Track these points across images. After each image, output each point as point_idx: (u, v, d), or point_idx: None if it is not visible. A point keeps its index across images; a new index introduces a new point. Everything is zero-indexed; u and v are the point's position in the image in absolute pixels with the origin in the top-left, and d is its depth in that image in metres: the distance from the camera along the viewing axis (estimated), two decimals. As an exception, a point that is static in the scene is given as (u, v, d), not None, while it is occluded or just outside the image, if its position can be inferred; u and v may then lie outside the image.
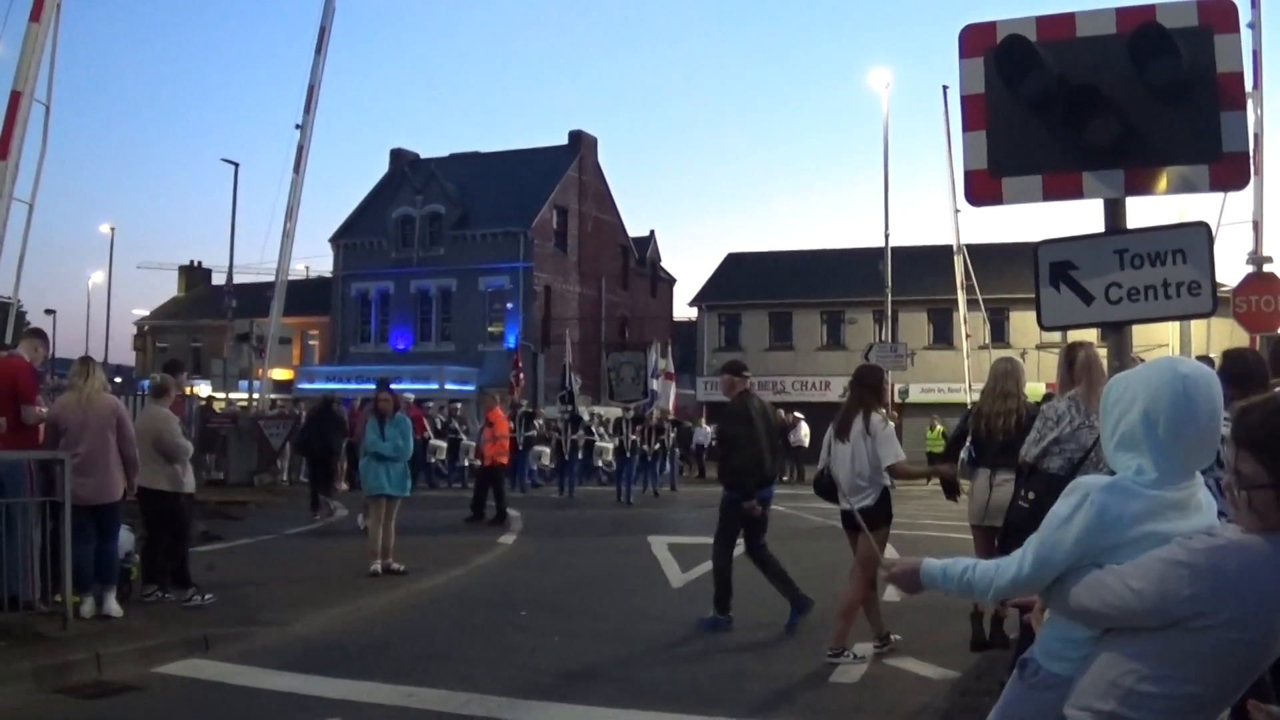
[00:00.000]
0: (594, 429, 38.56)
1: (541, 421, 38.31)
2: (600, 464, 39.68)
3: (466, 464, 36.78)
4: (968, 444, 11.08)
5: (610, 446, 37.45)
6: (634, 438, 34.07)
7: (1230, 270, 22.86)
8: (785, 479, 41.01)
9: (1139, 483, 3.57)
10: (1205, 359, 15.80)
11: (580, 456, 36.79)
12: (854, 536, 11.34)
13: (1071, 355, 9.01)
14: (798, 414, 44.64)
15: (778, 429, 13.76)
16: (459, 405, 41.44)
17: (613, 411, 41.89)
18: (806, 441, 43.30)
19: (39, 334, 13.83)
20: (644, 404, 37.90)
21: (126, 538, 13.18)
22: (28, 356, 12.67)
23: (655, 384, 41.37)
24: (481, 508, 24.71)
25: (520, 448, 34.15)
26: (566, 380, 38.17)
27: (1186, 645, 3.26)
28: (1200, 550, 3.28)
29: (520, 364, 45.68)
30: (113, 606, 11.98)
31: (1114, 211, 8.31)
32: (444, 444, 37.10)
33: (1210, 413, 3.51)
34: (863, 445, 11.13)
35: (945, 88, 44.39)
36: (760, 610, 13.52)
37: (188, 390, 28.20)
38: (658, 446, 35.60)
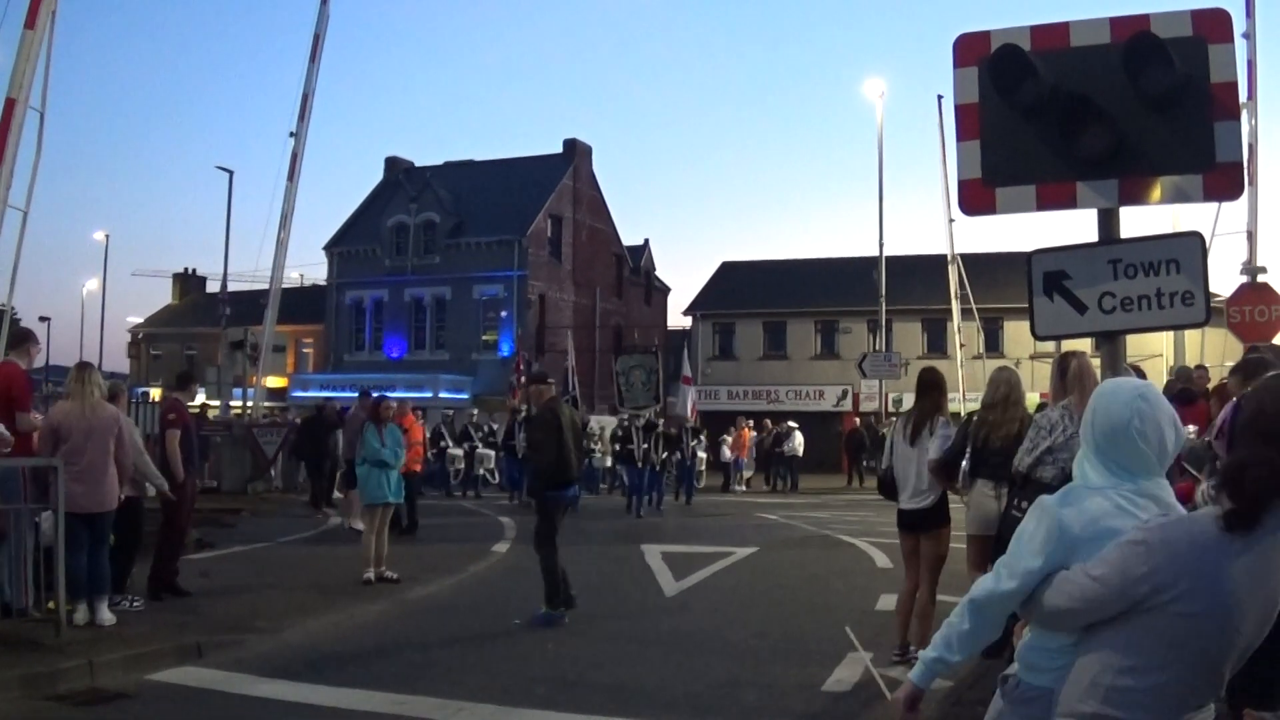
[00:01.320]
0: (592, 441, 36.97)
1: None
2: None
3: (482, 472, 36.86)
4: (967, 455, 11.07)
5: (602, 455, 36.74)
6: (645, 446, 31.83)
7: (1224, 280, 22.93)
8: (778, 489, 41.06)
9: (1087, 485, 3.77)
10: (1200, 368, 15.87)
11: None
12: (914, 539, 11.66)
13: (1064, 365, 9.02)
14: (792, 423, 44.61)
15: (581, 435, 15.05)
16: (474, 413, 41.11)
17: (606, 421, 41.80)
18: (800, 451, 43.31)
19: (28, 335, 13.77)
20: (654, 410, 36.90)
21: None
22: (21, 363, 12.64)
23: (662, 388, 39.78)
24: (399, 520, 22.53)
25: (519, 456, 33.17)
26: (570, 385, 37.63)
27: (1151, 627, 3.35)
28: (1154, 528, 3.44)
29: (522, 368, 44.50)
30: (105, 614, 11.96)
31: (1107, 221, 8.32)
32: (460, 452, 36.99)
33: (1137, 418, 3.70)
34: (928, 448, 11.24)
35: (940, 97, 44.45)
36: (754, 619, 13.53)
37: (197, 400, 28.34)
38: (665, 456, 33.60)
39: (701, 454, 39.15)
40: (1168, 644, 3.33)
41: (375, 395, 18.23)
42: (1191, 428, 11.08)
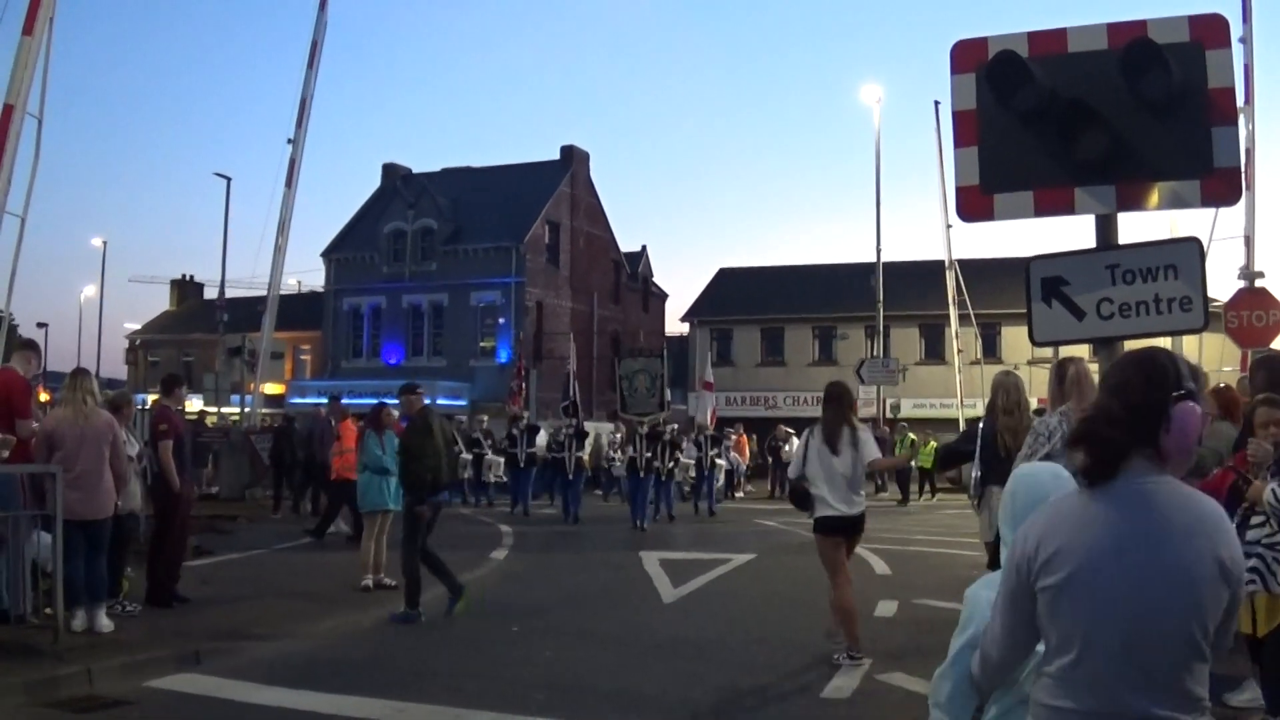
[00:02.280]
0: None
1: (546, 435, 34.88)
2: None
3: (492, 479, 36.45)
4: (976, 460, 11.07)
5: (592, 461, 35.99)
6: (649, 455, 29.60)
7: (1222, 285, 22.94)
8: (775, 495, 40.98)
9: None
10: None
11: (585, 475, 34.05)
12: (839, 543, 11.82)
13: (1062, 371, 9.01)
14: (789, 429, 44.56)
15: (451, 442, 15.57)
16: (485, 419, 40.87)
17: (603, 427, 41.65)
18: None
19: (30, 345, 13.79)
20: (660, 417, 34.13)
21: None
22: (20, 369, 12.63)
23: (667, 393, 37.43)
24: (325, 528, 22.74)
25: (522, 464, 32.92)
26: (570, 390, 36.45)
27: (1044, 607, 3.48)
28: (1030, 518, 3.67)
29: (523, 372, 44.08)
30: (103, 621, 11.95)
31: (1105, 227, 8.33)
32: (469, 457, 36.89)
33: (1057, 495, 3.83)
34: (851, 455, 11.66)
35: (937, 103, 44.39)
36: (752, 626, 13.54)
37: (184, 405, 28.37)
38: (672, 465, 31.13)
39: (722, 462, 37.75)
40: (1053, 619, 3.45)
41: (376, 402, 18.17)
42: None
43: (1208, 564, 3.32)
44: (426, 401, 15.75)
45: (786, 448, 42.47)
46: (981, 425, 11.19)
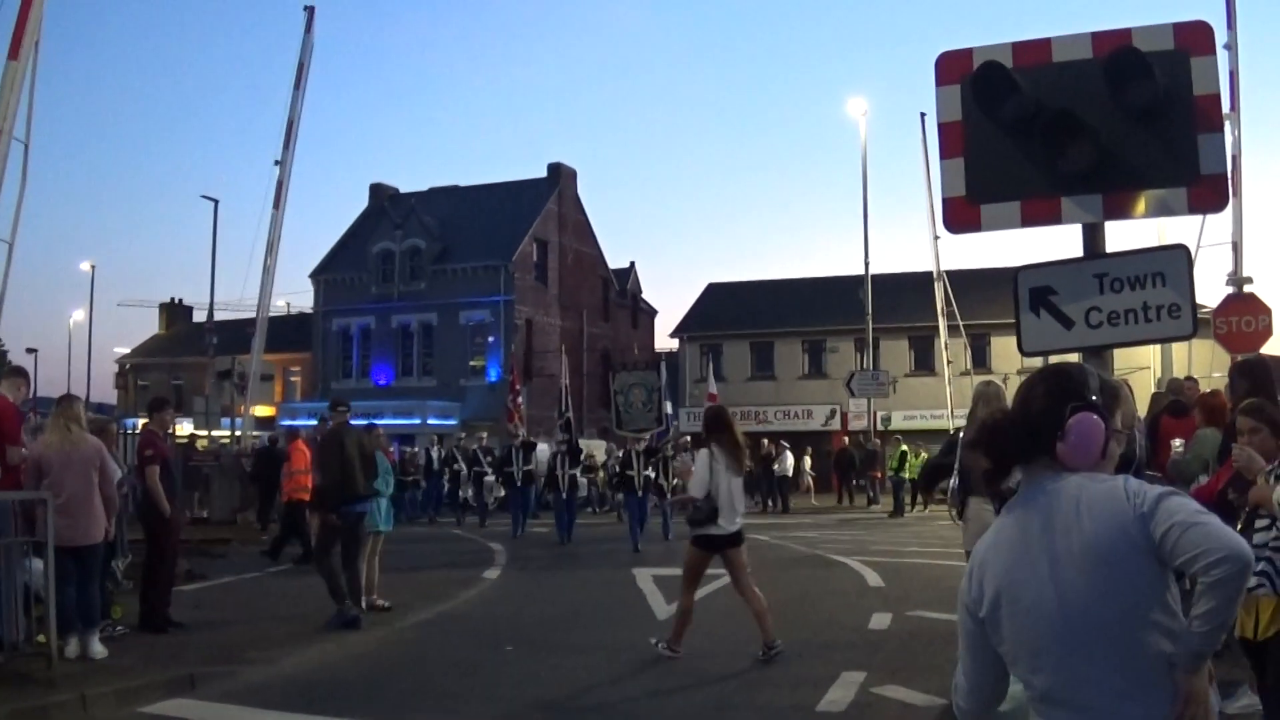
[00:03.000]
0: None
1: (548, 449, 34.44)
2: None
3: (492, 500, 36.43)
4: (955, 471, 11.05)
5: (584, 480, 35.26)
6: (648, 473, 28.78)
7: (1210, 292, 22.97)
8: (769, 509, 40.93)
9: None
10: (1189, 380, 15.88)
11: (582, 494, 33.69)
12: (710, 558, 12.81)
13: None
14: (783, 442, 44.53)
15: (371, 456, 15.83)
16: (484, 436, 40.72)
17: (595, 445, 41.52)
18: (791, 471, 43.25)
19: (20, 372, 13.76)
20: (659, 432, 33.52)
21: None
22: (10, 396, 12.59)
23: (669, 407, 36.53)
24: (280, 548, 22.84)
25: (519, 483, 32.28)
26: (564, 405, 35.96)
27: (994, 638, 3.60)
28: None
29: (518, 387, 42.75)
30: (96, 647, 11.91)
31: (1093, 236, 8.34)
32: (469, 476, 36.68)
33: None
34: (740, 477, 12.78)
35: (923, 115, 44.67)
36: (746, 641, 13.51)
37: (172, 429, 28.20)
38: (675, 482, 30.17)
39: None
40: (1001, 643, 3.56)
41: (365, 422, 18.18)
42: (1178, 441, 11.10)
43: (1114, 539, 3.33)
44: (389, 421, 16.21)
45: (781, 462, 42.45)
46: (961, 435, 11.18)
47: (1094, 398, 3.55)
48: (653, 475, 29.13)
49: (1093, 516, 3.36)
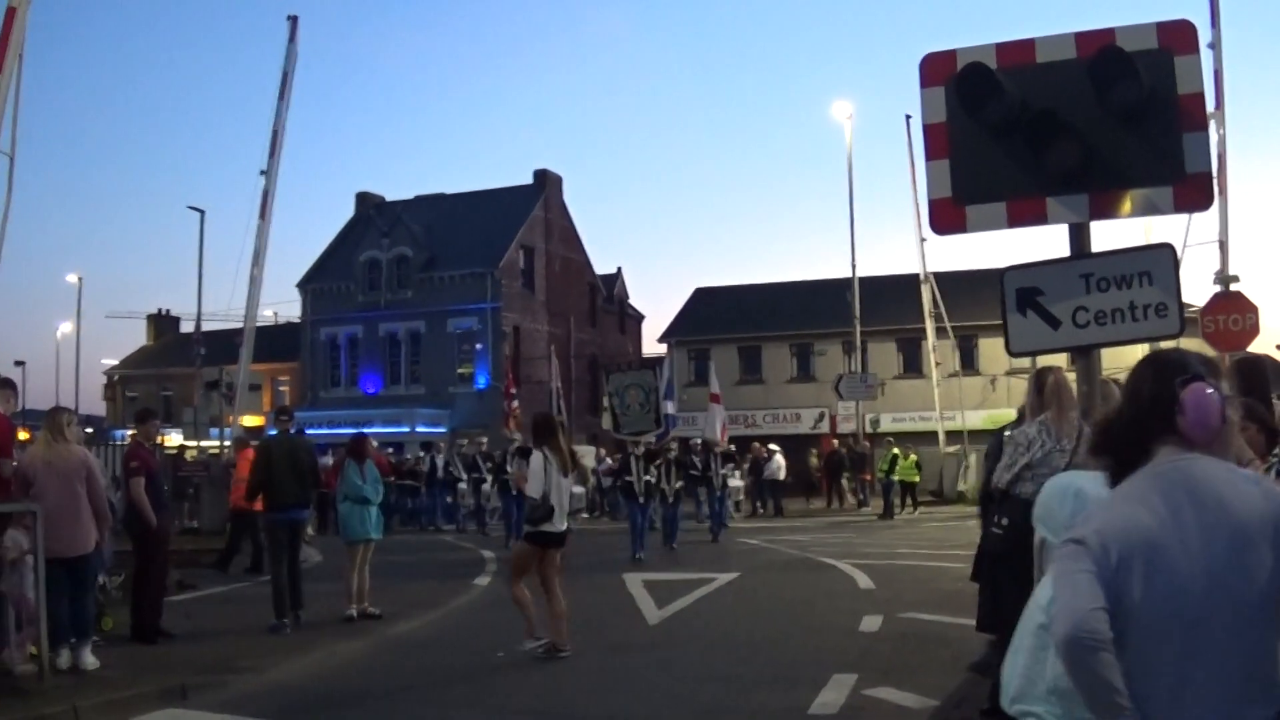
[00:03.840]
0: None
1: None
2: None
3: (490, 506, 35.71)
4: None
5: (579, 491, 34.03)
6: (648, 478, 27.08)
7: (1198, 291, 23.00)
8: (761, 512, 40.90)
9: None
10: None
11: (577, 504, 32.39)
12: (546, 551, 13.58)
13: (1041, 380, 8.99)
14: (773, 446, 44.47)
15: (304, 466, 16.39)
16: (484, 441, 39.91)
17: (584, 450, 41.27)
18: (781, 474, 43.15)
19: (8, 384, 13.73)
20: (659, 434, 31.72)
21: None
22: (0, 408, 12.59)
23: (670, 407, 34.27)
24: (229, 559, 22.58)
25: (514, 491, 28.21)
26: (556, 409, 34.78)
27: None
28: None
29: (514, 390, 41.06)
30: (88, 659, 11.88)
31: (1079, 236, 8.35)
32: (465, 484, 36.38)
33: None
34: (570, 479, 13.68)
35: (908, 117, 44.83)
36: (738, 645, 13.53)
37: (160, 440, 28.08)
38: (679, 485, 29.11)
39: (736, 482, 35.12)
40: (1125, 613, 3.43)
41: (354, 432, 18.23)
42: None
43: (1259, 525, 3.35)
44: (355, 431, 16.68)
45: (770, 466, 42.29)
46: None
47: (1200, 369, 3.57)
48: (654, 480, 27.40)
49: (1239, 499, 3.38)
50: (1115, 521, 3.45)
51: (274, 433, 18.44)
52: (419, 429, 59.62)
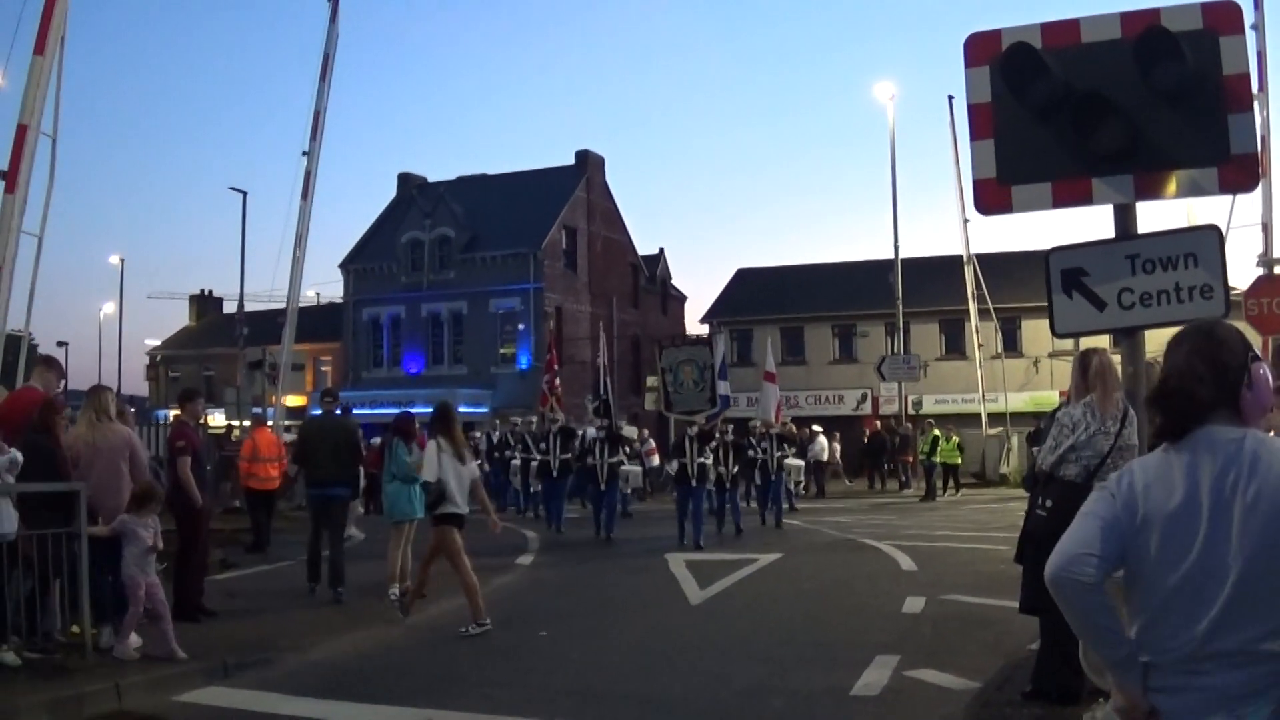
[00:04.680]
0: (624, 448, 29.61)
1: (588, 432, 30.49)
2: (630, 490, 32.49)
3: (534, 488, 32.99)
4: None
5: (636, 470, 32.01)
6: (702, 460, 24.61)
7: (1241, 274, 22.85)
8: (804, 493, 40.74)
9: None
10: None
11: (635, 484, 30.96)
12: (447, 531, 14.24)
13: (1085, 362, 8.92)
14: (816, 427, 44.36)
15: (343, 444, 17.25)
16: (533, 420, 38.43)
17: (628, 431, 40.86)
18: (825, 455, 43.07)
19: (49, 362, 13.77)
20: (711, 414, 29.22)
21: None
22: (40, 387, 12.65)
23: (724, 387, 31.92)
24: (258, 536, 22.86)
25: (554, 474, 28.66)
26: (601, 388, 33.60)
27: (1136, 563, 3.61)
28: None
29: (556, 367, 39.42)
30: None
31: (1124, 217, 8.31)
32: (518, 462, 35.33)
33: None
34: (466, 465, 14.57)
35: (951, 98, 44.63)
36: (779, 625, 13.53)
37: (204, 419, 28.07)
38: (735, 470, 26.80)
39: (795, 461, 32.40)
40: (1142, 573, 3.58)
41: (400, 411, 18.38)
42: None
43: None
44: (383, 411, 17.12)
45: (813, 447, 42.09)
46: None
47: (1255, 351, 3.68)
48: (708, 462, 24.97)
49: (1274, 472, 3.41)
50: (1152, 484, 3.54)
51: (318, 412, 19.31)
52: (461, 409, 59.67)
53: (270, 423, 34.25)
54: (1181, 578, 3.43)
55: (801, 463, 32.89)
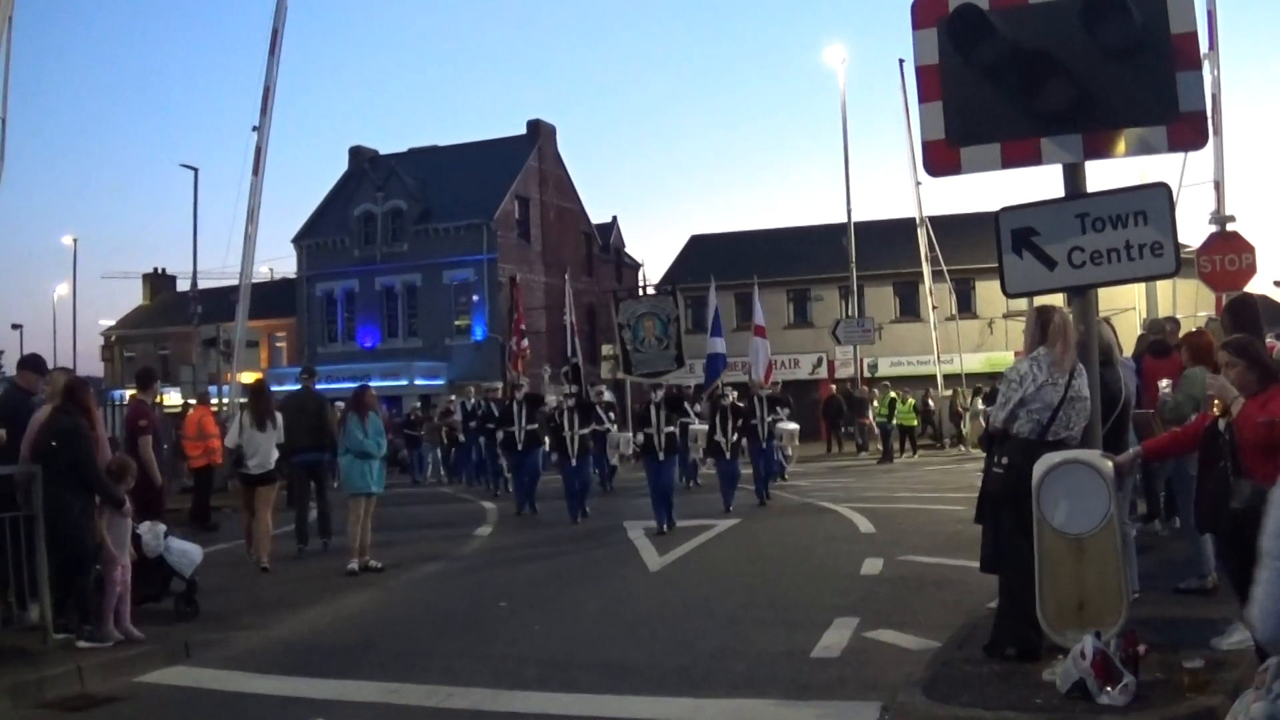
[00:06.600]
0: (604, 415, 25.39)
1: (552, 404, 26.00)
2: (616, 461, 29.39)
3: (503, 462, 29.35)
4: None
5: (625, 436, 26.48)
6: (669, 429, 21.11)
7: (1194, 232, 23.00)
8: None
9: None
10: (1172, 320, 15.89)
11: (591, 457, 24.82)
12: (253, 488, 17.14)
13: (1046, 317, 8.90)
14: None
15: (313, 414, 19.19)
16: (498, 388, 36.45)
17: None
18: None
19: (32, 364, 13.70)
20: (706, 378, 26.58)
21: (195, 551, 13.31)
22: (22, 385, 12.71)
23: (717, 344, 30.79)
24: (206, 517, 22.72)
25: (520, 447, 25.07)
26: (570, 350, 31.80)
27: None
28: None
29: (523, 328, 37.96)
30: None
31: (1073, 176, 8.35)
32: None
33: None
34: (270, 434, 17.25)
35: (901, 61, 44.69)
36: (739, 590, 13.58)
37: (160, 399, 27.92)
38: (737, 439, 23.92)
39: (790, 425, 27.62)
40: None
41: (357, 385, 18.34)
42: (1165, 382, 11.09)
43: None
44: (370, 386, 18.51)
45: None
46: None
47: None
48: (675, 432, 21.56)
49: None
50: None
51: (297, 387, 21.10)
52: (417, 382, 59.58)
53: (227, 400, 34.15)
54: None
55: (796, 426, 28.44)
